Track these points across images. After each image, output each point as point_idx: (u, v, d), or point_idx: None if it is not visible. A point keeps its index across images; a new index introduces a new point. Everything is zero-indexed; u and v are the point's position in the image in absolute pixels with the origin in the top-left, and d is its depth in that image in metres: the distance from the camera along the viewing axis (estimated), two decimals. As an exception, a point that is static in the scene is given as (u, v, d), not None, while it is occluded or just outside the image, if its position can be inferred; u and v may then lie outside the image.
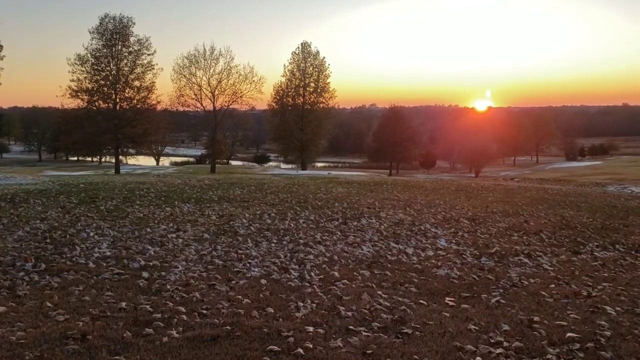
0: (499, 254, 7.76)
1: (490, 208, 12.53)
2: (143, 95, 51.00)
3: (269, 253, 7.22)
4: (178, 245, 7.57)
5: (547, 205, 13.47)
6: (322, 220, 9.94)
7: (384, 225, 9.66)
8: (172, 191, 13.44)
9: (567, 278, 6.56)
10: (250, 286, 5.65)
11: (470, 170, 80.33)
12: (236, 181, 16.83)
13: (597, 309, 5.25)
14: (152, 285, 5.61)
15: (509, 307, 5.27)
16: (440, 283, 6.10)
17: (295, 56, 63.17)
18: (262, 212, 10.54)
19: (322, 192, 14.50)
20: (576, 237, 9.44)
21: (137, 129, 50.43)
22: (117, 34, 49.06)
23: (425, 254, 7.69)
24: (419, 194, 15.00)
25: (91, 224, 8.78)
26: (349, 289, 5.67)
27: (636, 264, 7.53)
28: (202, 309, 4.86)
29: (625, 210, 13.32)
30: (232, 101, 54.29)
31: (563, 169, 78.81)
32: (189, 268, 6.34)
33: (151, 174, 34.39)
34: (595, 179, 42.49)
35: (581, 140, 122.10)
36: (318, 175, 26.66)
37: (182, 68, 53.20)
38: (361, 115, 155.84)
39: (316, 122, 63.11)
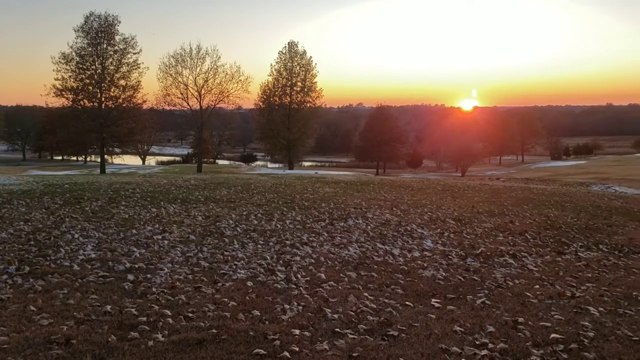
0: (484, 255, 7.81)
1: (476, 208, 12.60)
2: (129, 94, 50.70)
3: (255, 255, 7.21)
4: (164, 247, 7.53)
5: (532, 205, 13.58)
6: (308, 221, 9.94)
7: (370, 226, 9.68)
8: (158, 191, 13.35)
9: (552, 279, 6.62)
10: (237, 288, 5.64)
11: (457, 169, 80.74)
12: (223, 181, 16.76)
13: (580, 310, 5.31)
14: (137, 288, 5.58)
15: (494, 308, 5.30)
16: (426, 284, 6.13)
17: (282, 55, 63.07)
18: (248, 212, 10.52)
19: (309, 192, 14.49)
20: (561, 237, 9.53)
21: (122, 128, 50.08)
22: (102, 33, 48.69)
23: (411, 254, 7.72)
24: (406, 194, 15.04)
25: (76, 226, 8.70)
26: (336, 290, 5.68)
27: (619, 265, 7.62)
28: (187, 312, 4.84)
29: (608, 210, 13.47)
30: (218, 100, 54.27)
31: (548, 168, 79.44)
32: (174, 270, 6.31)
33: (137, 173, 34.16)
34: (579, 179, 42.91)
35: (566, 140, 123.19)
36: (305, 174, 26.64)
37: (168, 67, 53.04)
38: (348, 115, 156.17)
39: (303, 121, 63.06)
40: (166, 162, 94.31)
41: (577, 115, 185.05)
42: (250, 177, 21.05)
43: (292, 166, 64.76)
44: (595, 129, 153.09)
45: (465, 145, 75.91)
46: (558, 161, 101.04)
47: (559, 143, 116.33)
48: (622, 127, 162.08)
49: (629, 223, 11.67)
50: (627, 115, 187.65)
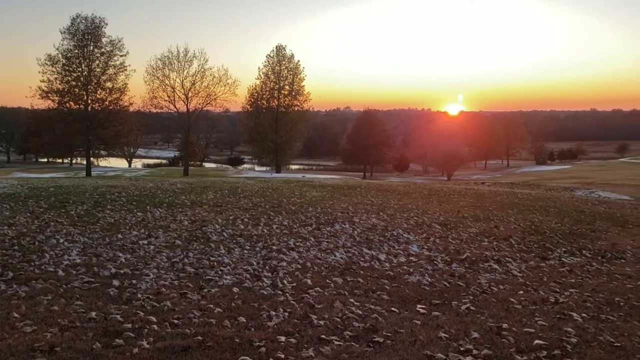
0: (469, 260, 7.86)
1: (462, 213, 12.68)
2: (115, 97, 50.42)
3: (241, 260, 7.20)
4: (149, 252, 7.50)
5: (517, 210, 13.69)
6: (295, 225, 9.94)
7: (357, 231, 9.71)
8: (144, 195, 13.29)
9: (536, 284, 6.69)
10: (222, 295, 5.63)
11: (443, 173, 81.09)
12: (209, 185, 16.71)
13: (564, 316, 5.37)
14: (122, 294, 5.55)
15: (479, 314, 5.35)
16: (411, 290, 6.16)
17: (270, 59, 63.16)
18: (235, 217, 10.50)
19: (296, 196, 14.50)
20: (545, 242, 9.63)
21: (109, 131, 49.80)
22: (89, 35, 48.39)
23: (397, 260, 7.75)
24: (392, 198, 15.10)
25: (61, 230, 8.64)
26: (322, 296, 5.70)
27: (602, 270, 7.72)
28: (173, 318, 4.83)
29: (592, 216, 13.62)
30: (206, 103, 54.14)
31: (533, 173, 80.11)
32: (160, 276, 6.29)
33: (123, 176, 33.96)
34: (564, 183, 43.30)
35: (551, 145, 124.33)
36: (292, 178, 26.64)
37: (155, 70, 52.84)
38: (336, 118, 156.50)
39: (291, 124, 63.16)
40: (152, 165, 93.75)
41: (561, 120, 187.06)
42: (237, 180, 20.99)
43: (279, 169, 64.73)
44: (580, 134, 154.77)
45: (451, 150, 76.34)
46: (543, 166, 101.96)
47: (544, 148, 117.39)
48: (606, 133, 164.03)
49: (612, 228, 11.81)
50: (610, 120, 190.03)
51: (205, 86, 53.47)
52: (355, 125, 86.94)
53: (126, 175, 39.04)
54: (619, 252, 9.12)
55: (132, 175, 43.65)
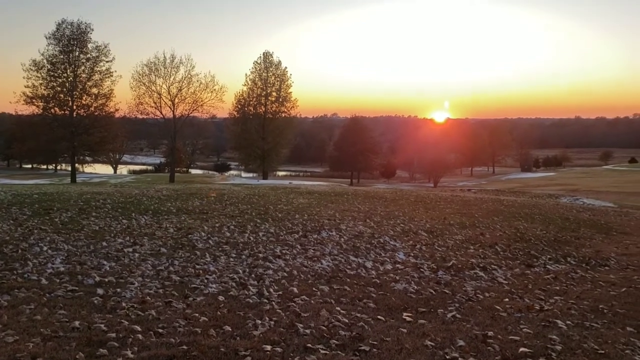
0: (455, 268, 7.89)
1: (448, 220, 12.74)
2: (101, 103, 50.10)
3: (227, 268, 7.16)
4: (134, 260, 7.43)
5: (503, 217, 13.78)
6: (282, 233, 9.92)
7: (344, 238, 9.71)
8: (129, 202, 13.19)
9: (521, 292, 6.72)
10: (208, 303, 5.59)
11: (429, 180, 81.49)
12: (195, 191, 16.64)
13: (548, 323, 5.40)
14: (107, 302, 5.49)
15: (465, 322, 5.36)
16: (398, 298, 6.16)
17: (257, 65, 63.09)
18: (221, 224, 10.45)
19: (283, 203, 14.48)
20: (530, 249, 9.69)
21: (94, 137, 49.45)
22: (74, 40, 48.08)
23: (384, 267, 7.76)
24: (379, 205, 15.13)
25: (45, 238, 8.54)
26: (308, 305, 5.68)
27: (586, 277, 7.78)
28: (158, 327, 4.78)
29: (577, 223, 13.74)
30: (192, 109, 53.85)
31: (518, 180, 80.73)
32: (145, 284, 6.24)
33: (108, 183, 33.71)
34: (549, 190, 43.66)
35: (535, 152, 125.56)
36: (279, 184, 26.61)
37: (141, 76, 52.47)
38: (323, 125, 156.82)
39: (278, 131, 63.08)
40: (138, 171, 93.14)
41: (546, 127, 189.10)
42: (223, 187, 20.94)
43: (266, 176, 64.60)
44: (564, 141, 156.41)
45: (437, 156, 76.79)
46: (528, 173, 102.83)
47: (529, 155, 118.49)
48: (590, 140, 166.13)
49: (596, 235, 11.92)
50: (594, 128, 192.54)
51: (192, 92, 53.27)
52: (343, 132, 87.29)
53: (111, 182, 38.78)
54: (603, 260, 9.21)
55: (118, 181, 43.35)
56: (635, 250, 10.39)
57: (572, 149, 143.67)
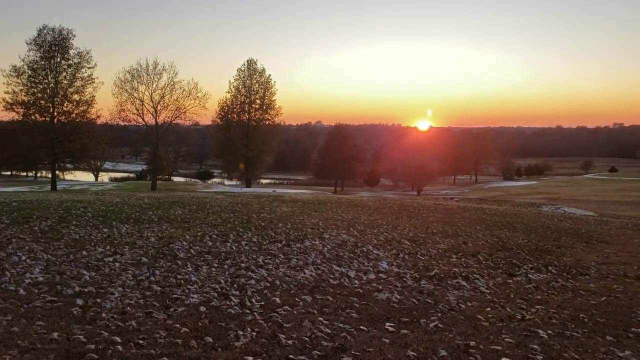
0: (438, 277, 7.91)
1: (431, 229, 12.78)
2: (82, 109, 49.66)
3: (209, 278, 7.10)
4: (115, 269, 7.34)
5: (485, 226, 13.86)
6: (265, 242, 9.87)
7: (327, 247, 9.69)
8: (110, 210, 13.05)
9: (503, 301, 6.75)
10: (189, 314, 5.53)
11: (413, 188, 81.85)
12: (177, 200, 16.52)
13: (530, 333, 5.42)
14: (86, 313, 5.41)
15: (447, 332, 5.36)
16: (380, 308, 6.15)
17: (241, 73, 63.05)
18: (203, 233, 10.38)
19: (266, 211, 14.43)
20: (512, 259, 9.75)
21: (75, 144, 48.90)
22: (56, 46, 47.64)
23: (367, 277, 7.75)
24: (363, 214, 15.15)
25: (23, 247, 8.41)
26: (290, 315, 5.64)
27: (567, 286, 7.84)
28: (138, 338, 4.72)
29: (558, 232, 13.87)
30: (175, 116, 53.68)
31: (501, 188, 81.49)
32: (125, 294, 6.16)
33: (89, 190, 33.38)
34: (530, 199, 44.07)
35: (518, 161, 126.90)
36: (263, 192, 26.53)
37: (123, 82, 52.26)
38: (307, 132, 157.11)
39: (261, 138, 63.01)
40: (120, 178, 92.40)
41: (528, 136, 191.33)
42: (206, 195, 20.82)
43: (249, 184, 64.42)
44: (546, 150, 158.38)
45: (421, 165, 77.22)
46: (510, 181, 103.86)
47: (511, 163, 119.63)
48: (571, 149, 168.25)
49: (577, 244, 12.04)
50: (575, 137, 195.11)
51: (175, 99, 53.13)
52: (327, 140, 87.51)
53: (92, 190, 38.40)
54: (583, 268, 9.29)
55: (99, 189, 42.97)
56: (615, 259, 10.51)
57: (553, 158, 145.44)
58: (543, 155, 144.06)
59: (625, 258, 10.64)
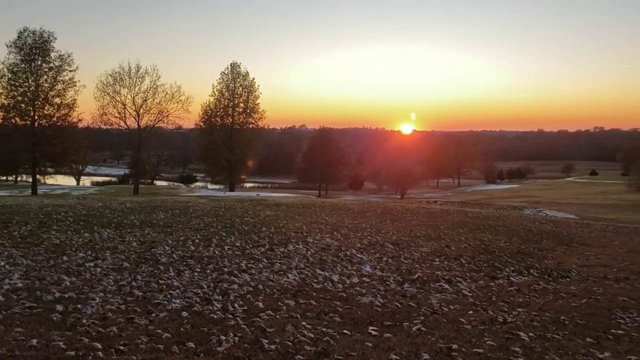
0: (421, 280, 7.93)
1: (414, 232, 12.84)
2: (64, 113, 49.22)
3: (191, 283, 7.05)
4: (96, 274, 7.26)
5: (468, 229, 13.96)
6: (248, 246, 9.84)
7: (310, 251, 9.68)
8: (91, 215, 12.92)
9: (485, 304, 6.79)
10: (171, 319, 5.49)
11: (396, 191, 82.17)
12: (160, 204, 16.40)
13: (511, 335, 5.45)
14: (66, 319, 5.34)
15: (430, 335, 5.38)
16: (364, 311, 6.15)
17: (225, 76, 62.96)
18: (185, 238, 10.32)
19: (250, 215, 14.38)
20: (494, 261, 9.82)
21: (56, 148, 48.40)
22: (37, 49, 47.19)
23: (350, 280, 7.75)
24: (347, 217, 15.17)
25: (2, 252, 8.28)
26: (273, 320, 5.62)
27: (548, 289, 7.91)
28: (119, 344, 4.67)
29: (539, 234, 14.01)
30: (157, 120, 53.40)
31: (483, 192, 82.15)
32: (106, 300, 6.09)
33: (71, 195, 33.05)
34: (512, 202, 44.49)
35: (500, 164, 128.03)
36: (246, 196, 26.47)
37: (105, 86, 51.92)
38: (291, 136, 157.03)
39: (245, 142, 62.93)
40: (102, 182, 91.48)
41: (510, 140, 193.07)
42: (189, 199, 20.71)
43: (233, 188, 64.25)
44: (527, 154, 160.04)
45: (404, 168, 77.55)
46: (493, 184, 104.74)
47: (494, 167, 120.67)
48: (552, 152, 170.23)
49: (558, 247, 12.16)
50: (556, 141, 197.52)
51: (158, 103, 52.88)
52: (311, 144, 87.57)
53: (74, 194, 37.99)
54: (564, 271, 9.39)
55: (80, 193, 42.54)
56: (595, 261, 10.64)
57: (535, 161, 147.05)
58: (525, 159, 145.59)
59: (606, 260, 10.78)
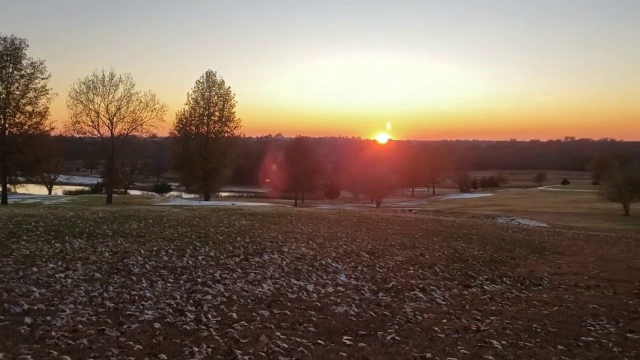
0: (395, 289, 7.96)
1: (389, 241, 12.89)
2: (35, 121, 48.40)
3: (164, 294, 6.96)
4: (66, 286, 7.13)
5: (442, 238, 14.06)
6: (222, 256, 9.76)
7: (285, 261, 9.64)
8: (63, 225, 12.70)
9: (458, 312, 6.84)
10: (143, 330, 5.41)
11: (372, 200, 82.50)
12: (133, 213, 16.19)
13: (485, 344, 5.50)
14: (35, 332, 5.22)
15: (404, 344, 5.39)
16: (338, 321, 6.15)
17: (200, 85, 62.65)
18: (159, 248, 10.19)
19: (225, 225, 14.28)
20: (467, 270, 9.91)
21: (27, 156, 47.51)
22: (8, 56, 46.40)
23: (325, 290, 7.74)
24: (322, 227, 15.16)
25: (-32, 264, 8.08)
26: (247, 330, 5.58)
27: (521, 297, 8.01)
28: (89, 357, 4.58)
29: (512, 243, 14.18)
30: (131, 128, 52.84)
31: (457, 201, 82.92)
32: (77, 312, 5.97)
33: (42, 204, 32.47)
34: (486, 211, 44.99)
35: (473, 173, 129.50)
36: (221, 206, 26.29)
37: (78, 94, 51.28)
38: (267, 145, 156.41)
39: (221, 151, 62.58)
40: (74, 192, 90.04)
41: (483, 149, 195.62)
42: (163, 209, 20.48)
43: (208, 197, 63.79)
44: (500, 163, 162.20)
45: (380, 177, 77.97)
46: (466, 193, 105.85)
47: (467, 176, 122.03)
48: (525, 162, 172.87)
49: (531, 255, 12.32)
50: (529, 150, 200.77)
51: (131, 111, 52.36)
52: (287, 153, 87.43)
53: (45, 203, 37.34)
54: (536, 279, 9.52)
55: (52, 203, 41.81)
56: (567, 269, 10.80)
57: (508, 171, 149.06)
58: (498, 168, 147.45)
59: (577, 268, 10.96)
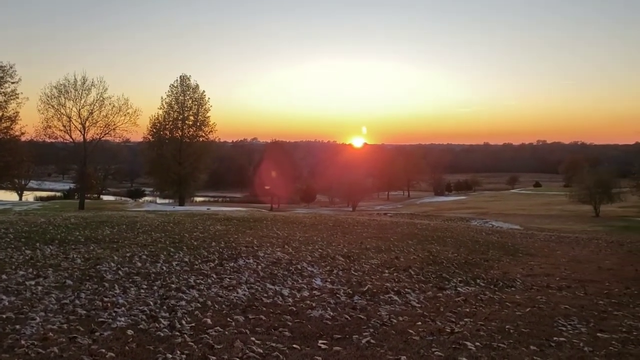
0: (370, 292, 7.99)
1: (365, 244, 12.93)
2: (5, 126, 47.28)
3: (137, 300, 6.87)
4: (37, 293, 6.99)
5: (417, 241, 14.16)
6: (197, 262, 9.68)
7: (261, 266, 9.60)
8: (33, 231, 12.47)
9: (433, 315, 6.89)
10: (116, 338, 5.33)
11: (348, 204, 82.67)
12: (106, 219, 15.97)
13: (459, 346, 5.54)
14: (4, 341, 5.11)
15: (379, 347, 5.41)
16: (314, 325, 6.14)
17: (174, 89, 61.94)
18: (132, 254, 10.06)
19: (199, 230, 14.17)
20: (442, 272, 9.99)
21: (-4, 162, 46.49)
22: (-25, 60, 45.35)
23: (300, 294, 7.73)
24: (298, 231, 15.14)
25: None
26: (222, 336, 5.54)
27: (494, 299, 8.10)
28: (60, 366, 4.50)
29: (486, 245, 14.35)
30: (104, 133, 51.96)
31: (432, 204, 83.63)
32: (48, 319, 5.86)
33: (12, 210, 31.84)
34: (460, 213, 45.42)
35: (448, 176, 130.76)
36: (196, 211, 26.07)
37: (50, 98, 50.13)
38: (243, 149, 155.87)
39: (195, 155, 61.98)
40: (46, 197, 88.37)
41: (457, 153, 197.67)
42: (136, 214, 20.23)
43: (183, 202, 63.16)
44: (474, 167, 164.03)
45: (355, 181, 78.23)
46: (441, 196, 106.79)
47: (442, 179, 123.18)
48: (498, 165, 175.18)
49: (504, 257, 12.48)
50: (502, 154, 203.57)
51: (104, 115, 51.43)
52: (263, 157, 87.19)
53: (16, 210, 36.55)
54: (509, 281, 9.64)
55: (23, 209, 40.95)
56: (539, 270, 10.97)
57: (481, 174, 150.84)
58: (472, 171, 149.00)
59: (549, 270, 11.13)
